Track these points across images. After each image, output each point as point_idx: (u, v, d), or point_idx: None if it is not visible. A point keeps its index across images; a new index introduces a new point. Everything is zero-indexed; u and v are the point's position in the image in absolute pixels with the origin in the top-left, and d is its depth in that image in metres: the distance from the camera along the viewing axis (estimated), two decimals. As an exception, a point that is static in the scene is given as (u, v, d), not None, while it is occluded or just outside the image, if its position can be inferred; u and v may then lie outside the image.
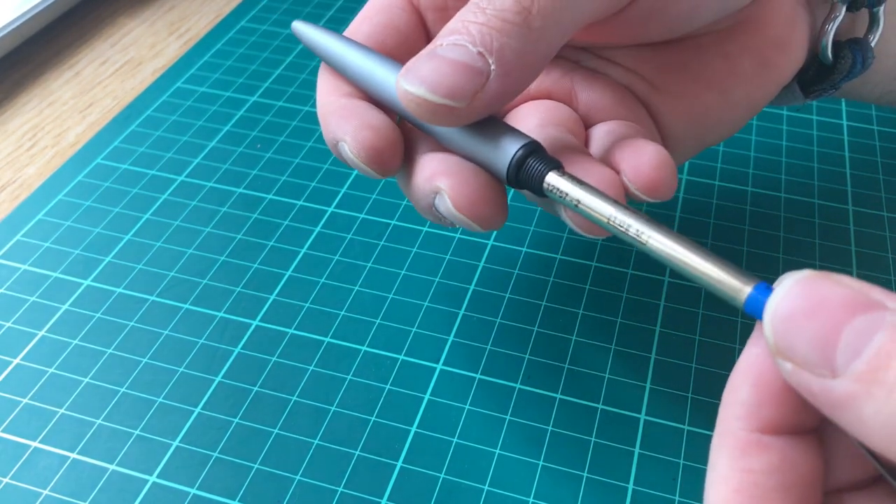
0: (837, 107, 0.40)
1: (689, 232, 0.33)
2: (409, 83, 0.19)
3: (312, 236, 0.33)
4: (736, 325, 0.29)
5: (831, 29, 0.25)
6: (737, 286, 0.15)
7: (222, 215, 0.34)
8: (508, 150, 0.20)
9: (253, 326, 0.30)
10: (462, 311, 0.30)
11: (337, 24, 0.46)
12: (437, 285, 0.31)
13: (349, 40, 0.23)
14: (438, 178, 0.20)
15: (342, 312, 0.30)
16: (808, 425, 0.15)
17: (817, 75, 0.27)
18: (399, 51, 0.24)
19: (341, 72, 0.23)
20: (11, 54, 0.45)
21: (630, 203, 0.20)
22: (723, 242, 0.32)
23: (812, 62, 0.27)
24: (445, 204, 0.20)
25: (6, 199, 0.36)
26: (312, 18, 0.47)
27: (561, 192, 0.19)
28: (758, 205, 0.34)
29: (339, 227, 0.33)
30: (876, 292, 0.13)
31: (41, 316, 0.30)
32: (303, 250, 0.32)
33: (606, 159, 0.22)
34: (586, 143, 0.24)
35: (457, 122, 0.19)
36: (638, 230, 0.17)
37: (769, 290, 0.14)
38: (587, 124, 0.24)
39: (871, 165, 0.36)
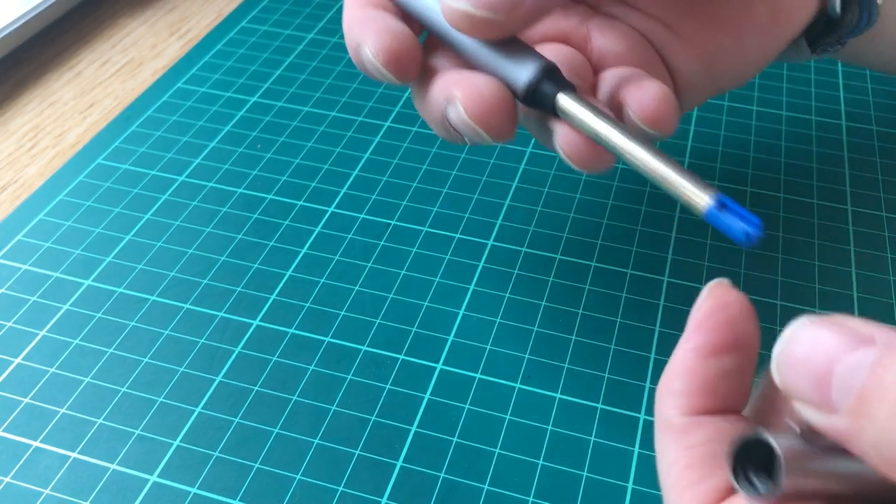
0: (837, 107, 0.40)
1: (688, 231, 0.33)
2: None
3: (312, 236, 0.33)
4: (736, 325, 0.29)
5: None
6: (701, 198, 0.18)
7: (223, 215, 0.34)
8: (529, 68, 0.21)
9: (253, 326, 0.30)
10: (462, 311, 0.30)
11: (337, 25, 0.46)
12: (437, 285, 0.31)
13: None
14: (453, 88, 0.21)
15: (342, 312, 0.30)
16: (736, 408, 0.17)
17: (824, 29, 0.28)
18: None
19: None
20: (12, 55, 0.45)
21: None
22: (723, 242, 0.32)
23: (820, 17, 0.28)
24: (458, 112, 0.21)
25: (7, 200, 0.36)
26: (312, 19, 0.47)
27: (571, 112, 0.20)
28: (758, 205, 0.34)
29: (339, 227, 0.33)
30: (867, 328, 0.13)
31: (42, 316, 0.30)
32: (303, 250, 0.32)
33: (612, 97, 0.23)
34: (595, 88, 0.24)
35: (497, 34, 0.21)
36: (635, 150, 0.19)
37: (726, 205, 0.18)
38: (600, 70, 0.25)
39: (871, 165, 0.36)
